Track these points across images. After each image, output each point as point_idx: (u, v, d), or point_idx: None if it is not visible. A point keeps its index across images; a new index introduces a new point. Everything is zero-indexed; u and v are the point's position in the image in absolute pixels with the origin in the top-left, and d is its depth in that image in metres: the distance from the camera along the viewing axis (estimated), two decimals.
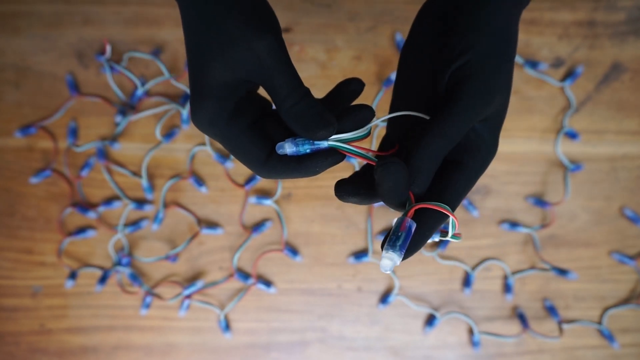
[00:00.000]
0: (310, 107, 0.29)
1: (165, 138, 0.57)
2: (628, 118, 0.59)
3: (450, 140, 0.29)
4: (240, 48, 0.28)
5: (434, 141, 0.29)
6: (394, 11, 0.57)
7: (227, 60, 0.28)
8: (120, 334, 0.59)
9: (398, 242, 0.27)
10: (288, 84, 0.29)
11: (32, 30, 0.57)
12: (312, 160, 0.30)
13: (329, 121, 0.29)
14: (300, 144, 0.30)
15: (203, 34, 0.29)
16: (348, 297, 0.59)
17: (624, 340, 0.59)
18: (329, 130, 0.29)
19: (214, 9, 0.28)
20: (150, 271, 0.59)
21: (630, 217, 0.59)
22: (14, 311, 0.59)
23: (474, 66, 0.30)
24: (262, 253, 0.58)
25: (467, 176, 0.30)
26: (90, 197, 0.58)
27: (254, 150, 0.30)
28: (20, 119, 0.58)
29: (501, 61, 0.30)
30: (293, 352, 0.59)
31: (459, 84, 0.30)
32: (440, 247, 0.58)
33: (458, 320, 0.59)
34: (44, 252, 0.58)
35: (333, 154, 0.30)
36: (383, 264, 0.28)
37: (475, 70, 0.29)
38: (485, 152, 0.31)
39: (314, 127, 0.29)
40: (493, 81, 0.30)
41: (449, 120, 0.29)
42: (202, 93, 0.29)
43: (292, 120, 0.29)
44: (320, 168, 0.30)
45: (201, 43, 0.29)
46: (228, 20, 0.28)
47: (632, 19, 0.57)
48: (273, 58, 0.28)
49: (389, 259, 0.27)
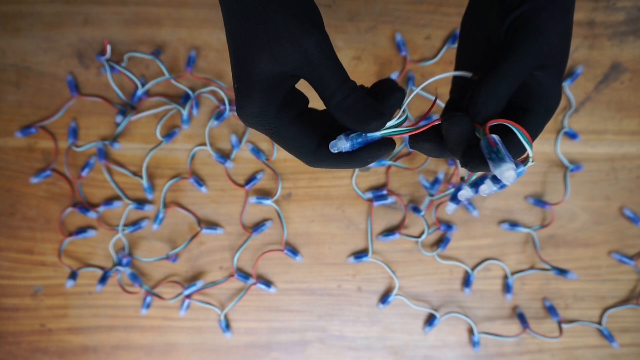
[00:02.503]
0: (361, 100, 0.29)
1: (165, 138, 0.57)
2: (627, 118, 0.59)
3: (510, 83, 0.30)
4: (288, 44, 0.29)
5: (494, 84, 0.29)
6: (394, 11, 0.57)
7: (276, 55, 0.29)
8: (121, 334, 0.59)
9: (500, 154, 0.27)
10: (337, 78, 0.29)
11: (32, 30, 0.57)
12: (366, 152, 0.31)
13: (380, 112, 0.29)
14: (353, 138, 0.30)
15: (250, 30, 0.29)
16: (348, 297, 0.59)
17: (623, 340, 0.59)
18: (382, 121, 0.29)
19: (261, 4, 0.29)
20: (150, 271, 0.59)
21: (630, 217, 0.59)
22: (15, 311, 0.59)
23: (531, 14, 0.30)
24: (262, 253, 0.58)
25: (533, 121, 0.31)
26: (91, 197, 0.58)
27: (304, 140, 0.31)
28: (21, 119, 0.58)
29: (557, 11, 0.31)
30: (293, 352, 0.59)
31: (516, 31, 0.31)
32: (440, 247, 0.58)
33: (458, 320, 0.59)
34: (44, 252, 0.58)
35: (386, 143, 0.31)
36: (507, 176, 0.27)
37: (531, 18, 0.30)
38: (548, 98, 0.31)
39: (367, 119, 0.29)
40: (549, 27, 0.30)
41: (506, 63, 0.30)
42: (249, 87, 0.30)
43: (343, 114, 0.30)
44: (373, 158, 0.31)
45: (248, 39, 0.29)
46: (276, 16, 0.28)
47: (632, 19, 0.57)
48: (321, 54, 0.29)
49: (508, 169, 0.27)
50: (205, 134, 0.58)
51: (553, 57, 0.31)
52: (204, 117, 0.58)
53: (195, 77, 0.57)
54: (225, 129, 0.58)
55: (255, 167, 0.58)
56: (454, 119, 0.29)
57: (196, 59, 0.57)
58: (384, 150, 0.31)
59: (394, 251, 0.59)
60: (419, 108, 0.58)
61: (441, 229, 0.58)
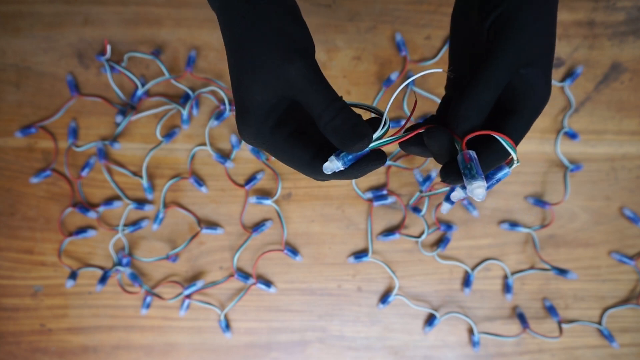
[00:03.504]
0: (347, 121, 0.30)
1: (165, 138, 0.57)
2: (627, 118, 0.59)
3: (492, 87, 0.30)
4: (271, 72, 0.30)
5: (476, 89, 0.30)
6: (394, 11, 0.57)
7: (262, 82, 0.30)
8: (121, 334, 0.59)
9: (472, 171, 0.29)
10: (322, 102, 0.30)
11: (32, 30, 0.57)
12: (356, 168, 0.32)
13: (363, 133, 0.30)
14: (344, 157, 0.31)
15: (239, 57, 0.31)
16: (348, 297, 0.59)
17: (623, 340, 0.59)
18: (364, 143, 0.30)
19: (246, 33, 0.30)
20: (150, 271, 0.59)
21: (630, 217, 0.59)
22: (15, 311, 0.59)
23: (510, 13, 0.31)
24: (262, 253, 0.58)
25: (520, 120, 0.31)
26: (91, 197, 0.58)
27: (298, 154, 0.32)
28: (21, 119, 0.58)
29: (537, 6, 0.31)
30: (293, 352, 0.59)
31: (497, 32, 0.31)
32: (440, 247, 0.58)
33: (458, 320, 0.59)
34: (44, 252, 0.58)
35: (375, 158, 0.32)
36: (477, 193, 0.29)
37: (511, 17, 0.31)
38: (534, 96, 0.31)
39: (350, 141, 0.30)
40: (530, 24, 0.31)
41: (487, 68, 0.30)
42: (244, 112, 0.31)
43: (330, 135, 0.30)
44: (363, 172, 0.32)
45: (238, 65, 0.31)
46: (257, 44, 0.30)
47: (632, 19, 0.57)
48: (304, 80, 0.30)
49: (478, 187, 0.28)
50: (205, 134, 0.58)
51: (538, 53, 0.31)
52: (204, 117, 0.58)
53: (195, 77, 0.57)
54: (225, 129, 0.58)
55: (255, 167, 0.58)
56: (432, 134, 0.30)
57: (196, 59, 0.57)
58: (373, 165, 0.32)
59: (394, 251, 0.59)
60: (420, 108, 0.58)
61: (441, 229, 0.58)
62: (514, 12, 0.31)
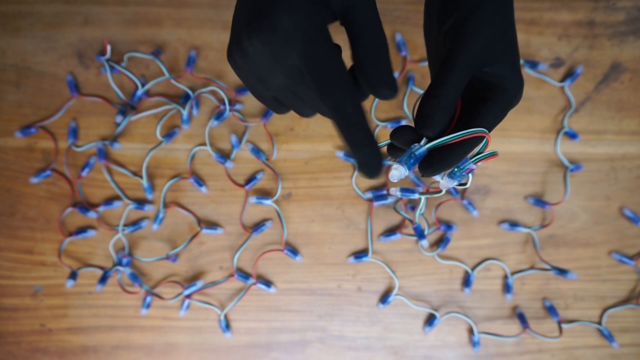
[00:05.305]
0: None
1: (165, 138, 0.57)
2: (627, 118, 0.59)
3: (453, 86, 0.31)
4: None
5: (437, 92, 0.31)
6: (394, 11, 0.57)
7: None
8: (121, 334, 0.59)
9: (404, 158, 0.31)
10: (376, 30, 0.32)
11: (32, 30, 0.57)
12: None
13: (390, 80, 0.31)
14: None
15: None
16: (348, 297, 0.59)
17: (623, 340, 0.59)
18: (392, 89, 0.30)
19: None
20: (150, 271, 0.59)
21: (630, 217, 0.59)
22: (15, 311, 0.59)
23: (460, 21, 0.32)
24: (262, 253, 0.58)
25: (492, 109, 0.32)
26: (91, 197, 0.58)
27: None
28: (21, 119, 0.58)
29: (488, 10, 0.32)
30: (293, 352, 0.59)
31: (451, 41, 0.32)
32: (440, 247, 0.58)
33: (458, 320, 0.59)
34: (44, 252, 0.58)
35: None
36: (391, 174, 0.30)
37: (461, 24, 0.32)
38: (506, 90, 0.32)
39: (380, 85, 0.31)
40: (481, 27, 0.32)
41: (442, 72, 0.31)
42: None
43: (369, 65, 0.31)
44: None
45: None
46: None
47: (632, 19, 0.57)
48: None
49: (395, 169, 0.30)
50: (205, 134, 0.58)
51: (499, 50, 0.32)
52: (204, 117, 0.58)
53: (195, 77, 0.57)
54: (225, 129, 0.58)
55: (255, 167, 0.58)
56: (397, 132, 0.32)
57: (196, 59, 0.57)
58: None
59: (394, 251, 0.59)
60: None
61: (441, 229, 0.58)
62: (465, 19, 0.32)
